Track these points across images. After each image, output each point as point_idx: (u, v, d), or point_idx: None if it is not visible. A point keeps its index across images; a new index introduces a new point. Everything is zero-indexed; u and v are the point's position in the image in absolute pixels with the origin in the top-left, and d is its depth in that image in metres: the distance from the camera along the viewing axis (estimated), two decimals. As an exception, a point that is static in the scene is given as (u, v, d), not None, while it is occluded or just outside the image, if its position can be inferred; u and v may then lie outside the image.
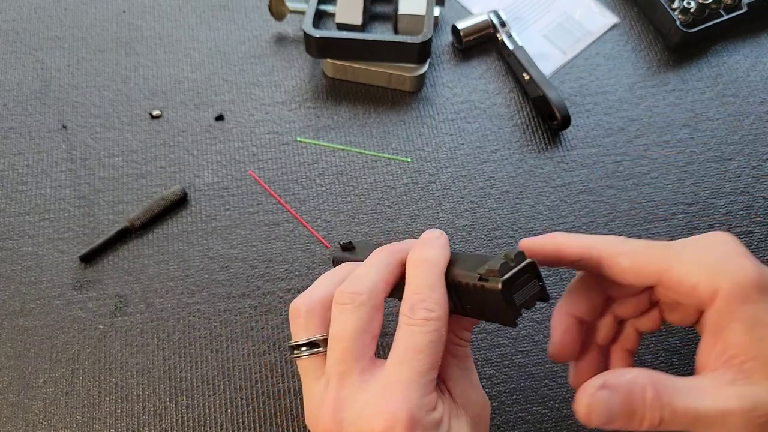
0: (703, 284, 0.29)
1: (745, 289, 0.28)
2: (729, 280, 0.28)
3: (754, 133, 0.61)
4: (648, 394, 0.28)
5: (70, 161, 0.58)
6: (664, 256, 0.30)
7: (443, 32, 0.66)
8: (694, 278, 0.29)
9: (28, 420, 0.48)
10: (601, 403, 0.28)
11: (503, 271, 0.29)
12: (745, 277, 0.28)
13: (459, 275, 0.32)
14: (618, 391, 0.28)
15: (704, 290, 0.29)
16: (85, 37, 0.64)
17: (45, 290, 0.52)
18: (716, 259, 0.29)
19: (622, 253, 0.31)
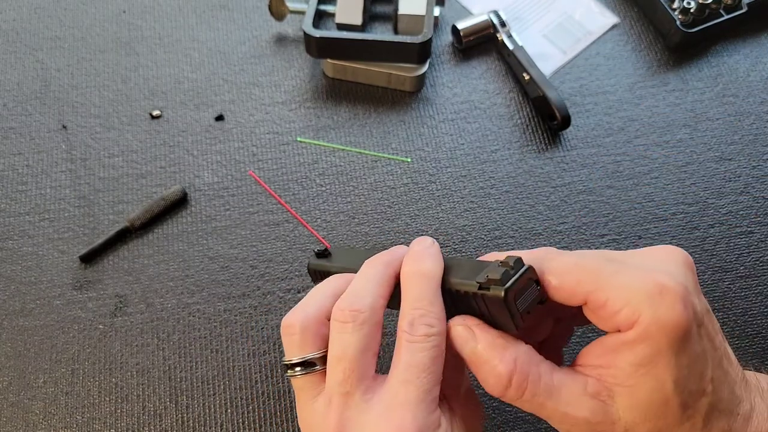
0: (624, 313, 0.28)
1: (661, 332, 0.27)
2: (649, 318, 0.27)
3: (754, 133, 0.61)
4: (500, 368, 0.30)
5: (70, 161, 0.58)
6: (595, 276, 0.29)
7: (443, 32, 0.66)
8: (618, 305, 0.28)
9: (28, 420, 0.48)
10: (457, 336, 0.31)
11: (505, 279, 0.29)
12: (667, 321, 0.27)
13: (456, 284, 0.32)
14: (477, 342, 0.31)
15: (623, 320, 0.28)
16: (85, 37, 0.64)
17: (45, 290, 0.52)
18: (650, 293, 0.28)
19: (550, 271, 0.30)
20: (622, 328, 0.28)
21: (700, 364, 0.29)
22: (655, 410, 0.28)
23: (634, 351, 0.28)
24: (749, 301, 0.53)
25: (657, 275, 0.28)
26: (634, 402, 0.29)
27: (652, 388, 0.28)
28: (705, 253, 0.55)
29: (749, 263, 0.55)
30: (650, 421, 0.29)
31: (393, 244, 0.55)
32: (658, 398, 0.28)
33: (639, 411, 0.29)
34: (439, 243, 0.55)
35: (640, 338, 0.28)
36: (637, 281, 0.28)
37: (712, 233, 0.56)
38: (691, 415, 0.29)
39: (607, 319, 0.29)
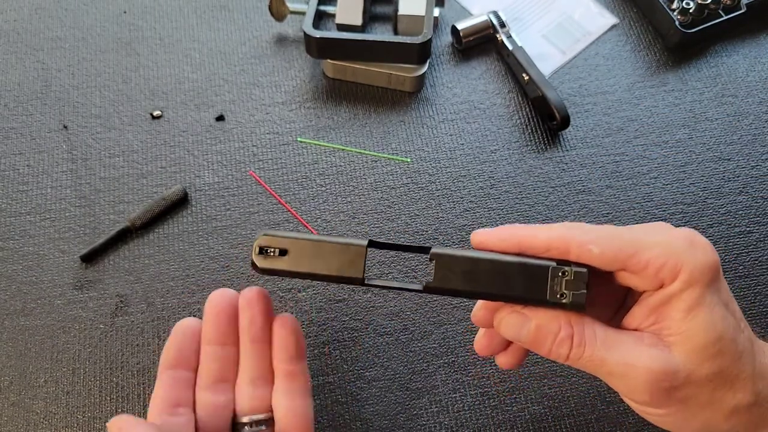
0: (667, 267, 0.30)
1: (702, 273, 0.30)
2: (691, 264, 0.30)
3: (753, 133, 0.61)
4: (560, 335, 0.32)
5: (71, 161, 0.58)
6: (631, 241, 0.31)
7: (443, 33, 0.66)
8: (661, 261, 0.30)
9: (29, 419, 0.48)
10: (511, 325, 0.33)
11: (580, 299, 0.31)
12: (704, 263, 0.30)
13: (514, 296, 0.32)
14: (531, 320, 0.32)
15: (667, 273, 0.30)
16: (86, 37, 0.64)
17: (46, 290, 0.52)
18: (681, 244, 0.30)
19: (591, 241, 0.31)
20: (666, 281, 0.30)
21: (732, 302, 0.32)
22: (711, 349, 0.30)
23: (682, 298, 0.30)
24: (748, 300, 0.54)
25: (679, 231, 0.31)
26: (691, 345, 0.30)
27: (704, 328, 0.30)
28: (704, 253, 0.55)
29: (748, 263, 0.55)
30: (708, 361, 0.30)
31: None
32: (712, 337, 0.30)
33: (697, 353, 0.30)
34: (439, 243, 0.55)
35: (685, 285, 0.30)
36: (669, 239, 0.31)
37: (711, 233, 0.56)
38: (741, 351, 0.31)
39: (651, 277, 0.30)
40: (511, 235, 0.33)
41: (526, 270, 0.32)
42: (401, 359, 0.50)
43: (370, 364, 0.50)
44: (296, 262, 0.34)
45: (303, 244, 0.34)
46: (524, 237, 0.32)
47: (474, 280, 0.32)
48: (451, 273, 0.33)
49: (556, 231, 0.32)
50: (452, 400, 0.49)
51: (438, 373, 0.50)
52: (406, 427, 0.48)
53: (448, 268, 0.33)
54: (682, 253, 0.30)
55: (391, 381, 0.50)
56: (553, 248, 0.32)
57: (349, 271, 0.34)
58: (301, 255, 0.34)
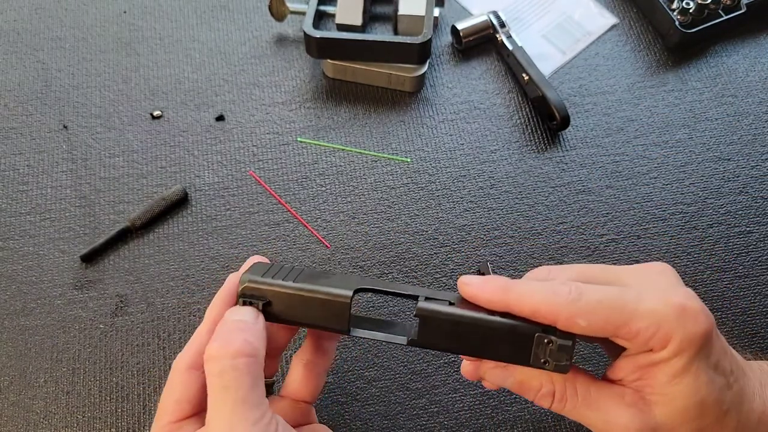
0: (657, 337, 0.30)
1: (692, 344, 0.30)
2: (681, 335, 0.30)
3: (753, 133, 0.61)
4: (542, 391, 0.33)
5: (71, 161, 0.58)
6: (622, 311, 0.31)
7: (443, 33, 0.66)
8: (651, 331, 0.30)
9: (29, 419, 0.48)
10: (495, 377, 0.34)
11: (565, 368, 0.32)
12: (694, 334, 0.30)
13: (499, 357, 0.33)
14: (514, 376, 0.34)
15: (657, 342, 0.30)
16: (86, 37, 0.64)
17: (46, 290, 0.52)
18: (674, 315, 0.30)
19: (577, 314, 0.31)
20: (655, 348, 0.31)
21: (724, 358, 0.32)
22: (692, 412, 0.31)
23: (669, 365, 0.30)
24: (748, 300, 0.54)
25: (672, 296, 0.31)
26: (672, 407, 0.31)
27: (687, 393, 0.30)
28: (704, 253, 0.55)
29: (748, 263, 0.55)
30: (689, 423, 0.31)
31: (393, 244, 0.55)
32: (694, 401, 0.30)
33: (678, 415, 0.31)
34: (439, 243, 0.55)
35: (673, 354, 0.30)
36: (661, 307, 0.30)
37: (711, 233, 0.56)
38: (726, 410, 0.31)
39: (640, 344, 0.31)
40: (500, 298, 0.32)
41: (511, 334, 0.32)
42: (401, 359, 0.50)
43: (370, 364, 0.50)
44: (281, 312, 0.34)
45: (286, 295, 0.34)
46: (512, 301, 0.32)
47: (458, 340, 0.33)
48: (436, 331, 0.33)
49: (545, 297, 0.31)
50: (452, 400, 0.49)
51: (438, 373, 0.50)
52: (406, 427, 0.48)
53: (432, 327, 0.33)
54: (672, 323, 0.30)
55: (391, 381, 0.50)
56: (540, 317, 0.32)
57: (334, 323, 0.34)
58: (285, 305, 0.34)
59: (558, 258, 0.55)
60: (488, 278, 0.33)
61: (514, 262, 0.55)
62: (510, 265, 0.54)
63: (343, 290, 0.33)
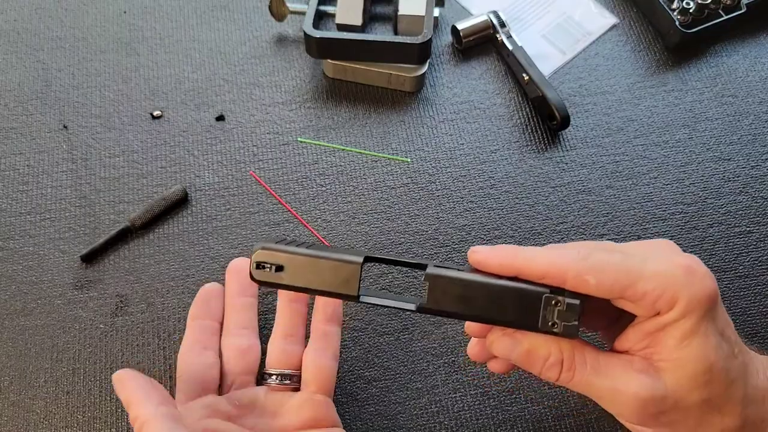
0: (664, 298, 0.30)
1: (699, 304, 0.30)
2: (688, 295, 0.30)
3: (753, 133, 0.61)
4: (550, 360, 0.32)
5: (71, 161, 0.58)
6: (629, 271, 0.31)
7: (443, 33, 0.66)
8: (657, 292, 0.30)
9: (29, 419, 0.48)
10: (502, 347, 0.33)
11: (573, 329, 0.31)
12: (701, 294, 0.30)
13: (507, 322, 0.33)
14: (521, 344, 0.33)
15: (663, 304, 0.30)
16: (86, 37, 0.64)
17: (46, 290, 0.52)
18: (680, 275, 0.30)
19: (587, 272, 0.31)
20: (662, 310, 0.30)
21: (728, 327, 0.32)
22: (701, 378, 0.30)
23: (676, 327, 0.30)
24: (748, 300, 0.54)
25: (678, 258, 0.31)
26: (682, 373, 0.30)
27: (696, 356, 0.30)
28: (704, 253, 0.55)
29: (748, 263, 0.55)
30: (698, 389, 0.30)
31: (393, 243, 0.55)
32: (703, 365, 0.30)
33: (686, 381, 0.30)
34: (439, 243, 0.55)
35: (681, 315, 0.30)
36: (667, 268, 0.31)
37: (711, 233, 0.56)
38: (733, 379, 0.31)
39: (647, 306, 0.31)
40: (509, 262, 0.32)
41: (520, 297, 0.32)
42: (401, 359, 0.50)
43: (370, 364, 0.50)
44: (292, 278, 0.35)
45: (299, 260, 0.34)
46: (521, 264, 0.32)
47: (467, 304, 0.33)
48: (445, 295, 0.33)
49: (553, 258, 0.32)
50: (452, 400, 0.49)
51: (438, 373, 0.50)
52: (406, 427, 0.48)
53: (441, 291, 0.33)
54: (679, 283, 0.30)
55: (391, 381, 0.50)
56: (549, 277, 0.32)
57: (344, 288, 0.34)
58: (297, 271, 0.35)
59: (558, 258, 0.55)
60: (497, 246, 0.33)
61: (514, 262, 0.55)
62: (510, 265, 0.54)
63: (354, 256, 0.34)
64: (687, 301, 0.30)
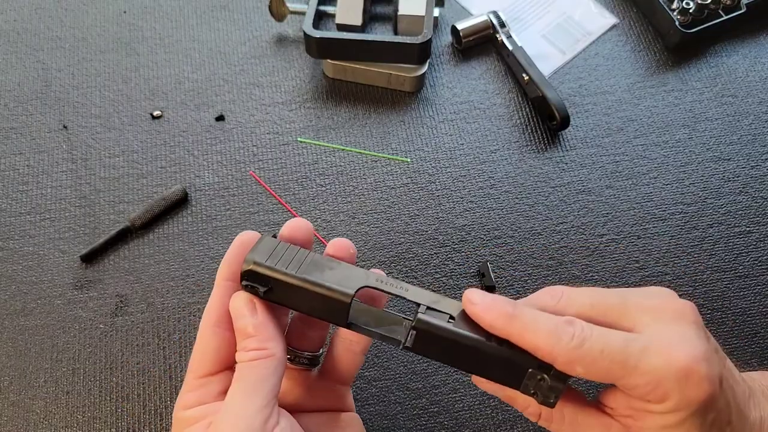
0: (655, 393, 0.30)
1: (689, 407, 0.30)
2: (678, 397, 0.29)
3: (753, 133, 0.61)
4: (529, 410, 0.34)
5: (71, 161, 0.58)
6: (622, 366, 0.30)
7: (443, 33, 0.66)
8: (649, 388, 0.30)
9: (29, 419, 0.48)
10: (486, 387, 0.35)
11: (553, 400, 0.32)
12: (695, 399, 0.29)
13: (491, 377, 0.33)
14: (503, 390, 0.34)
15: (654, 398, 0.30)
16: (86, 37, 0.64)
17: (46, 290, 0.52)
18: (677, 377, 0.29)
19: (577, 361, 0.30)
20: (652, 401, 0.30)
21: (723, 414, 0.31)
22: None
23: (663, 417, 0.30)
24: (748, 300, 0.54)
25: (679, 354, 0.29)
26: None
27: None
28: (704, 253, 0.55)
29: (748, 263, 0.55)
30: None
31: (393, 244, 0.55)
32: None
33: None
34: (439, 243, 0.55)
35: (668, 410, 0.30)
36: (664, 365, 0.29)
37: (711, 233, 0.56)
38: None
39: (636, 396, 0.31)
40: (502, 325, 0.32)
41: (506, 363, 0.32)
42: (401, 359, 0.50)
43: (370, 364, 0.50)
44: (281, 298, 0.34)
45: (288, 285, 0.34)
46: (514, 333, 0.31)
47: (452, 356, 0.33)
48: (431, 344, 0.33)
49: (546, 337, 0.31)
50: (452, 400, 0.49)
51: (438, 373, 0.50)
52: (406, 427, 0.48)
53: (428, 340, 0.33)
54: (672, 385, 0.29)
55: (391, 381, 0.50)
56: (539, 354, 0.31)
57: (332, 318, 0.34)
58: (286, 294, 0.34)
59: (558, 258, 0.55)
60: (494, 300, 0.32)
61: (514, 262, 0.55)
62: (510, 265, 0.54)
63: (345, 288, 0.33)
64: (677, 402, 0.29)
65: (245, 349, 0.34)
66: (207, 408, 0.34)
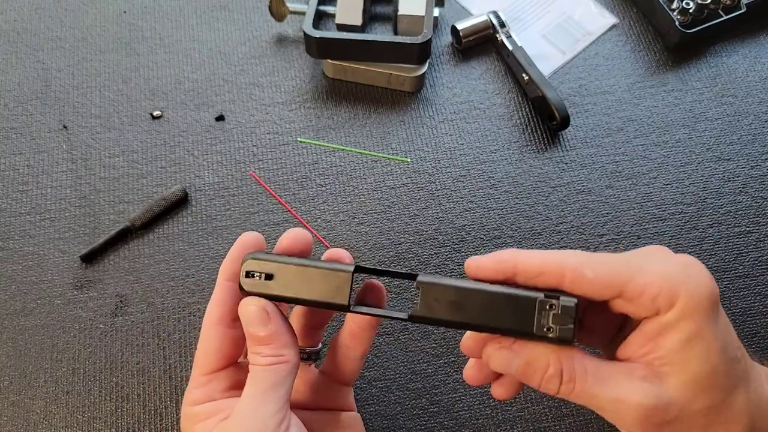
0: (663, 295, 0.29)
1: (700, 301, 0.29)
2: (688, 294, 0.29)
3: (753, 133, 0.61)
4: (549, 371, 0.31)
5: (70, 161, 0.58)
6: (627, 267, 0.30)
7: (443, 33, 0.66)
8: (656, 289, 0.29)
9: (29, 419, 0.48)
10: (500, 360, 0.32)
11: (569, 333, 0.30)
12: (701, 291, 0.29)
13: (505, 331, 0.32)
14: (520, 356, 0.32)
15: (663, 301, 0.29)
16: (86, 37, 0.64)
17: (46, 290, 0.52)
18: (678, 272, 0.30)
19: (585, 264, 0.30)
20: (662, 309, 0.30)
21: (729, 330, 0.31)
22: (705, 382, 0.29)
23: (678, 328, 0.29)
24: (748, 300, 0.54)
25: (675, 257, 0.31)
26: (685, 377, 0.29)
27: (700, 359, 0.29)
28: (704, 253, 0.55)
29: (748, 263, 0.55)
30: (702, 395, 0.29)
31: (393, 244, 0.55)
32: (706, 369, 0.29)
33: (691, 386, 0.29)
34: (439, 243, 0.55)
35: (682, 315, 0.29)
36: (666, 265, 0.30)
37: (711, 233, 0.56)
38: (736, 384, 0.30)
39: (647, 304, 0.30)
40: (506, 259, 0.32)
41: (514, 302, 0.31)
42: (401, 359, 0.50)
43: (370, 364, 0.50)
44: (282, 287, 0.34)
45: (289, 269, 0.34)
46: (518, 261, 0.32)
47: (460, 311, 0.32)
48: (437, 303, 0.32)
49: (549, 255, 0.31)
50: (452, 400, 0.49)
51: (438, 373, 0.50)
52: (406, 427, 0.48)
53: (434, 298, 0.32)
54: (679, 281, 0.29)
55: (391, 381, 0.50)
56: (548, 271, 0.31)
57: (334, 296, 0.34)
58: (287, 280, 0.34)
59: (558, 258, 0.55)
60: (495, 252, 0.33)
61: (514, 262, 0.55)
62: (510, 265, 0.54)
63: (345, 266, 0.34)
64: (687, 300, 0.29)
65: (260, 355, 0.34)
66: (217, 404, 0.35)
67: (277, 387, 0.33)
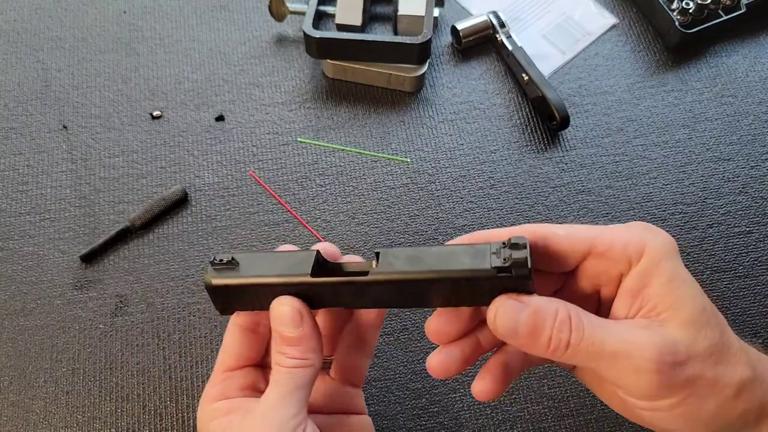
0: (631, 245, 0.31)
1: (666, 248, 0.31)
2: (653, 240, 0.31)
3: (753, 133, 0.61)
4: (559, 316, 0.30)
5: (70, 161, 0.58)
6: (594, 228, 0.32)
7: (443, 33, 0.66)
8: (623, 240, 0.31)
9: (29, 419, 0.48)
10: (509, 311, 0.31)
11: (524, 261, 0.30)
12: (664, 239, 0.32)
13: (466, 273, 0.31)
14: (528, 305, 0.31)
15: (633, 251, 0.31)
16: (86, 37, 0.64)
17: (46, 290, 0.52)
18: (639, 228, 0.32)
19: (557, 227, 0.32)
20: (633, 259, 0.31)
21: None
22: (700, 319, 0.30)
23: (658, 272, 0.31)
24: (747, 300, 0.54)
25: (634, 222, 0.33)
26: (682, 317, 0.30)
27: (688, 296, 0.30)
28: (703, 253, 0.55)
29: (747, 263, 0.55)
30: (702, 333, 0.30)
31: (392, 243, 0.55)
32: (697, 307, 0.30)
33: (690, 325, 0.30)
34: (439, 243, 0.55)
35: (656, 259, 0.31)
36: (627, 226, 0.33)
37: (711, 233, 0.56)
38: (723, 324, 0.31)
39: (618, 257, 0.31)
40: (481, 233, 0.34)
41: (469, 249, 0.32)
42: (401, 359, 0.50)
43: (370, 364, 0.50)
44: (246, 270, 0.35)
45: (254, 255, 0.35)
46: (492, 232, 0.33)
47: (418, 263, 0.32)
48: (396, 259, 0.33)
49: (527, 226, 0.33)
50: (452, 400, 0.49)
51: (438, 373, 0.50)
52: (406, 427, 0.48)
53: (393, 256, 0.33)
54: (642, 235, 0.31)
55: (391, 381, 0.50)
56: (518, 233, 0.32)
57: (297, 269, 0.34)
58: (251, 264, 0.35)
59: (558, 258, 0.55)
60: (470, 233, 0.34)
61: (514, 262, 0.55)
62: (510, 265, 0.54)
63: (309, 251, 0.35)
64: (654, 246, 0.31)
65: (286, 356, 0.34)
66: (232, 402, 0.36)
67: (299, 390, 0.34)
